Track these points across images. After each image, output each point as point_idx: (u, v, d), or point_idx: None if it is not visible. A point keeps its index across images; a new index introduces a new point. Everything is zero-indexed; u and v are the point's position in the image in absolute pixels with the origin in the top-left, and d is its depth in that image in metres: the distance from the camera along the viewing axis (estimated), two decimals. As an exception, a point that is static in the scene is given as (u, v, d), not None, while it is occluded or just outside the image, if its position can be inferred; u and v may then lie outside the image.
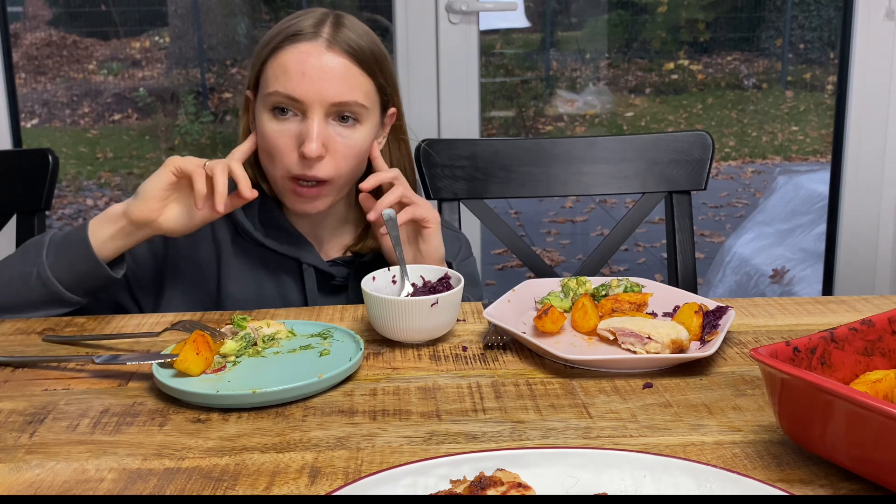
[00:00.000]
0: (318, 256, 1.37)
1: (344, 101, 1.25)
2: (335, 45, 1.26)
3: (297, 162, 1.26)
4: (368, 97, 1.29)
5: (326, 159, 1.26)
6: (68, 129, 4.59)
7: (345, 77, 1.26)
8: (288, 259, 1.37)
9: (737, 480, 0.69)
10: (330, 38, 1.26)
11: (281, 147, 1.26)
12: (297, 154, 1.25)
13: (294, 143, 1.26)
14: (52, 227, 4.12)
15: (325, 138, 1.25)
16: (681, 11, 4.60)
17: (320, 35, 1.26)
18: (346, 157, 1.27)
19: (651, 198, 1.66)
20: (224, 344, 1.03)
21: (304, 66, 1.24)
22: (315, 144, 1.23)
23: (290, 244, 1.36)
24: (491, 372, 1.01)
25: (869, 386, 0.80)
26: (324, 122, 1.25)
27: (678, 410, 0.90)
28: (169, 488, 0.77)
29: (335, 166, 1.27)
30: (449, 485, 0.70)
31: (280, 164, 1.27)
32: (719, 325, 1.09)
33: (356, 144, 1.28)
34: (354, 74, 1.27)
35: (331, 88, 1.24)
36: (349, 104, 1.26)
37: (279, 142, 1.26)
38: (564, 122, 4.56)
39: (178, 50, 4.28)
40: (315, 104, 1.24)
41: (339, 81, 1.25)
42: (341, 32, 1.27)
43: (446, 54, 2.26)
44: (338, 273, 1.38)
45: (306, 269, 1.36)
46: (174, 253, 1.37)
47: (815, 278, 3.25)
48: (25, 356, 1.07)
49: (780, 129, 5.17)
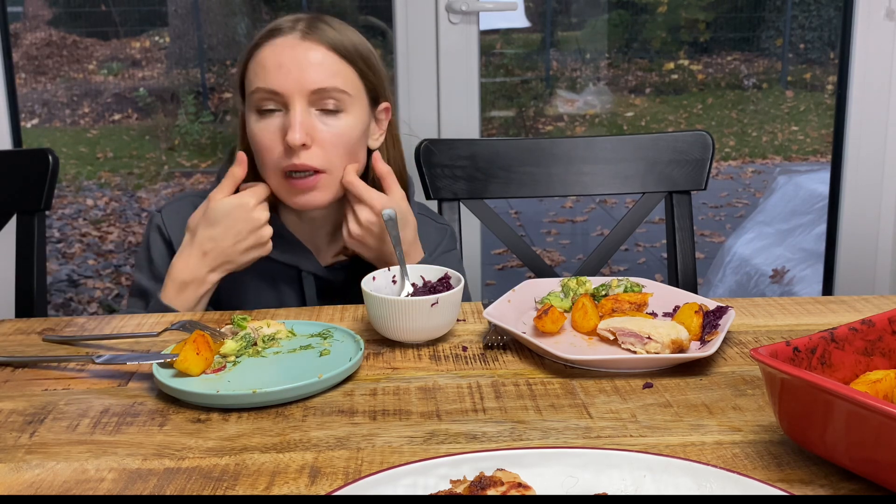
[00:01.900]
0: (317, 263, 1.37)
1: (323, 87, 1.25)
2: (311, 35, 1.27)
3: (284, 154, 1.26)
4: (349, 84, 1.28)
5: (314, 149, 1.26)
6: (68, 129, 4.59)
7: (322, 64, 1.26)
8: (287, 267, 1.36)
9: (737, 480, 0.69)
10: (305, 31, 1.27)
11: (267, 143, 1.26)
12: (283, 146, 1.25)
13: (279, 137, 1.26)
14: (52, 228, 4.12)
15: (309, 127, 1.25)
16: (681, 11, 4.60)
17: (296, 29, 1.27)
18: (334, 147, 1.27)
19: (651, 198, 1.66)
20: (224, 344, 1.03)
21: (280, 58, 1.25)
22: (298, 133, 1.23)
23: (288, 252, 1.36)
24: (491, 372, 1.01)
25: (869, 386, 0.80)
26: (306, 111, 1.25)
27: (678, 410, 0.90)
28: (169, 488, 0.77)
29: (324, 156, 1.27)
30: (449, 485, 0.70)
31: (269, 160, 1.27)
32: (719, 325, 1.09)
33: (343, 133, 1.28)
34: (333, 62, 1.27)
35: (308, 76, 1.24)
36: (328, 90, 1.26)
37: (264, 138, 1.27)
38: (564, 122, 4.56)
39: (178, 50, 4.29)
40: (294, 94, 1.24)
41: (316, 69, 1.25)
42: (317, 26, 1.28)
43: (446, 54, 2.26)
44: (336, 279, 1.38)
45: (305, 277, 1.36)
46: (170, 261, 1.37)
47: (815, 278, 3.25)
48: (25, 356, 1.07)
49: (780, 129, 5.18)
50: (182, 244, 1.29)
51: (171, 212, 1.40)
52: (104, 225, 4.25)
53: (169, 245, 1.37)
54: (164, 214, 1.40)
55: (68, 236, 4.19)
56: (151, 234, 1.39)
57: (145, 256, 1.39)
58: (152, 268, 1.37)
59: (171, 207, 1.41)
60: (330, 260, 1.41)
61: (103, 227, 4.23)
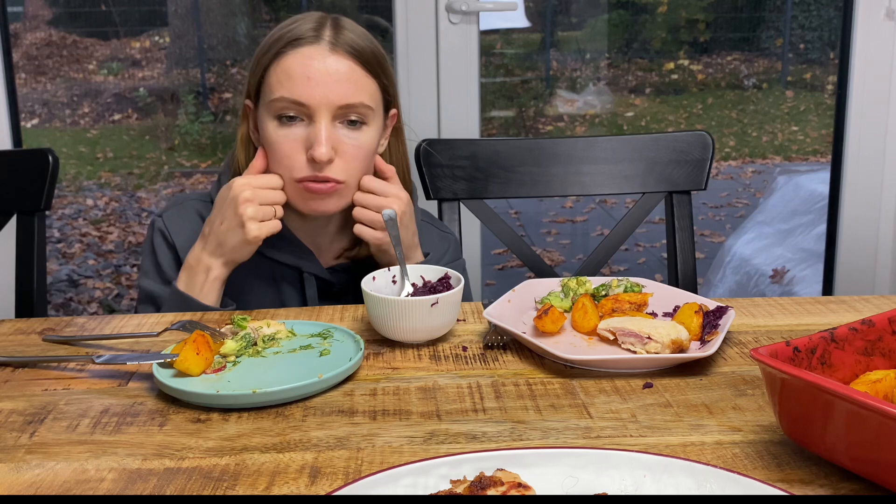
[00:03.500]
0: (319, 264, 1.37)
1: (350, 103, 1.25)
2: (338, 47, 1.26)
3: (307, 165, 1.25)
4: (373, 98, 1.29)
5: (337, 161, 1.26)
6: (68, 129, 4.59)
7: (350, 79, 1.25)
8: (288, 268, 1.36)
9: (737, 480, 0.69)
10: (332, 41, 1.26)
11: (288, 151, 1.26)
12: (306, 157, 1.25)
13: (302, 147, 1.25)
14: (52, 228, 4.12)
15: (334, 141, 1.25)
16: (681, 11, 4.60)
17: (322, 38, 1.26)
18: (356, 159, 1.27)
19: (651, 198, 1.66)
20: (224, 344, 1.03)
21: (308, 70, 1.24)
22: (325, 148, 1.23)
23: (290, 253, 1.35)
24: (491, 372, 1.01)
25: (869, 386, 0.80)
26: (331, 125, 1.25)
27: (678, 410, 0.90)
28: (169, 488, 0.77)
29: (346, 168, 1.27)
30: (449, 485, 0.70)
31: (288, 169, 1.26)
32: (719, 325, 1.09)
33: (364, 146, 1.28)
34: (359, 76, 1.27)
35: (337, 91, 1.24)
36: (356, 106, 1.26)
37: (286, 146, 1.26)
38: (564, 122, 4.56)
39: (178, 50, 4.29)
40: (322, 108, 1.24)
41: (344, 84, 1.25)
42: (343, 34, 1.27)
43: (446, 54, 2.26)
44: (337, 280, 1.38)
45: (307, 278, 1.36)
46: (178, 264, 1.36)
47: (815, 278, 3.25)
48: (25, 356, 1.07)
49: (780, 129, 5.17)
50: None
51: (174, 216, 1.39)
52: (104, 225, 4.25)
53: (174, 249, 1.36)
54: (165, 219, 1.38)
55: (68, 236, 4.19)
56: (155, 239, 1.38)
57: (152, 262, 1.38)
58: (160, 273, 1.36)
59: (173, 212, 1.40)
60: (331, 261, 1.41)
61: (103, 227, 4.23)
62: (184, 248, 1.34)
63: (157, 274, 1.37)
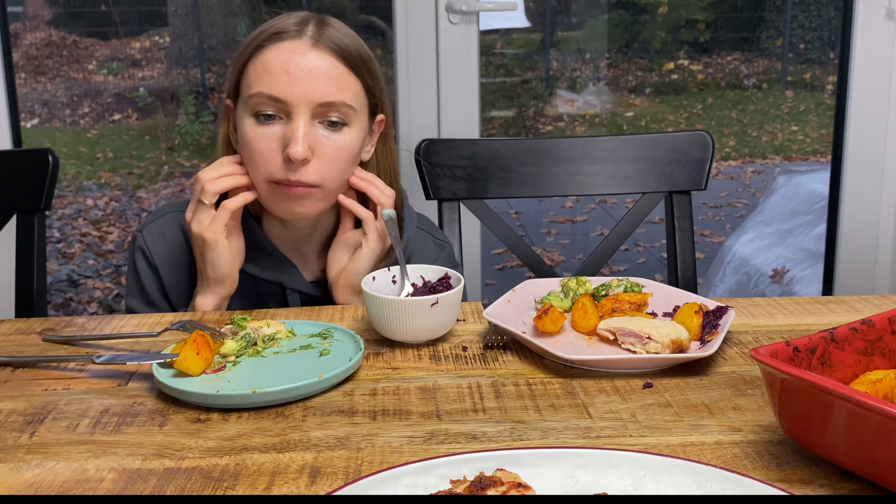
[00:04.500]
0: (302, 278, 1.32)
1: (331, 101, 1.20)
2: (320, 42, 1.21)
3: (282, 166, 1.20)
4: (356, 98, 1.23)
5: (312, 163, 1.20)
6: (68, 129, 4.59)
7: (332, 76, 1.20)
8: (270, 284, 1.32)
9: (737, 480, 0.69)
10: (315, 36, 1.21)
11: (264, 150, 1.20)
12: (282, 157, 1.19)
13: (278, 146, 1.20)
14: (52, 228, 4.12)
15: (312, 140, 1.19)
16: (681, 11, 4.60)
17: (305, 33, 1.21)
18: (333, 161, 1.22)
19: (651, 198, 1.66)
20: (224, 344, 1.03)
21: (288, 64, 1.19)
22: (301, 146, 1.17)
23: (271, 267, 1.31)
24: (491, 372, 1.01)
25: (869, 386, 0.80)
26: (310, 124, 1.20)
27: (678, 410, 0.90)
28: (169, 488, 0.77)
29: (321, 170, 1.21)
30: (449, 485, 0.70)
31: (263, 169, 1.21)
32: (719, 325, 1.09)
33: (344, 148, 1.23)
34: (342, 73, 1.21)
35: (317, 88, 1.19)
36: (336, 105, 1.20)
37: (262, 145, 1.20)
38: (564, 122, 4.56)
39: (178, 50, 4.28)
40: (301, 104, 1.18)
41: (325, 80, 1.20)
42: (326, 31, 1.22)
43: (446, 54, 2.26)
44: (322, 295, 1.33)
45: (290, 294, 1.32)
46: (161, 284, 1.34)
47: (815, 278, 3.25)
48: (25, 356, 1.07)
49: (780, 129, 5.17)
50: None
51: (153, 232, 1.35)
52: (104, 225, 4.25)
53: (155, 269, 1.33)
54: (145, 235, 1.34)
55: (68, 236, 4.19)
56: (137, 258, 1.34)
57: (136, 284, 1.34)
58: (145, 295, 1.34)
59: (153, 228, 1.35)
60: (317, 273, 1.35)
61: (103, 227, 4.23)
62: (165, 267, 1.32)
63: (142, 296, 1.34)
